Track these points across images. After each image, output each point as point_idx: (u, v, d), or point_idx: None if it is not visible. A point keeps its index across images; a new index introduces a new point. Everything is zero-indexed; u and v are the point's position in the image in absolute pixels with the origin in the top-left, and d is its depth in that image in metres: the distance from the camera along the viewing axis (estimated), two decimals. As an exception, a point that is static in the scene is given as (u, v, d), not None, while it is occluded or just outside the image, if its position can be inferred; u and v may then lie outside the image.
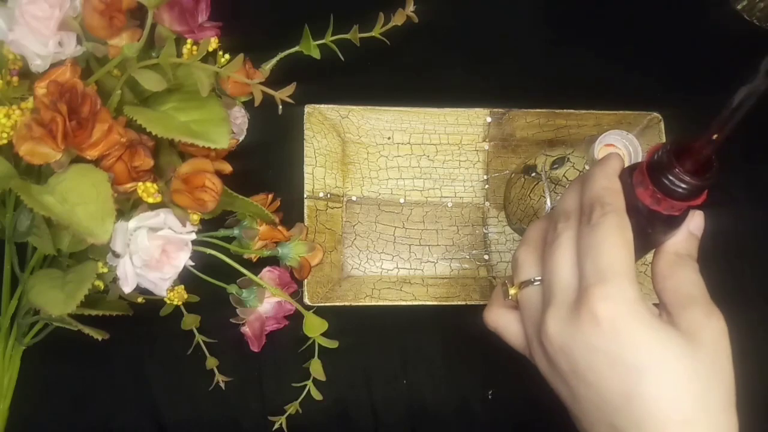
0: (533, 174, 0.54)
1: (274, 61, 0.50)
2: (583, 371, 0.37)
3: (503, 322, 0.43)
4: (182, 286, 0.48)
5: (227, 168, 0.47)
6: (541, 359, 0.40)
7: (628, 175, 0.39)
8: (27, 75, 0.42)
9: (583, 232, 0.37)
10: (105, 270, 0.43)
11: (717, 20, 0.65)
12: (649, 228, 0.38)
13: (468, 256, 0.59)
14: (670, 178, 0.37)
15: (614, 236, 0.36)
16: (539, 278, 0.40)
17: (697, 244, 0.42)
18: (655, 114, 0.60)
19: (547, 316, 0.38)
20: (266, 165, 0.57)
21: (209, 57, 0.43)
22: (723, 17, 0.65)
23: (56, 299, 0.41)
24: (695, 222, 0.41)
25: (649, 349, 0.35)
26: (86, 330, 0.45)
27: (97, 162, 0.41)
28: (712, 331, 0.37)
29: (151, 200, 0.42)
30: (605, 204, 0.37)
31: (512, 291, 0.41)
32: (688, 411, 0.35)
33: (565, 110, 0.60)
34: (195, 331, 0.51)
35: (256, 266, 0.50)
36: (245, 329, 0.51)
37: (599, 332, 0.35)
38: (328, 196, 0.58)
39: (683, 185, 0.37)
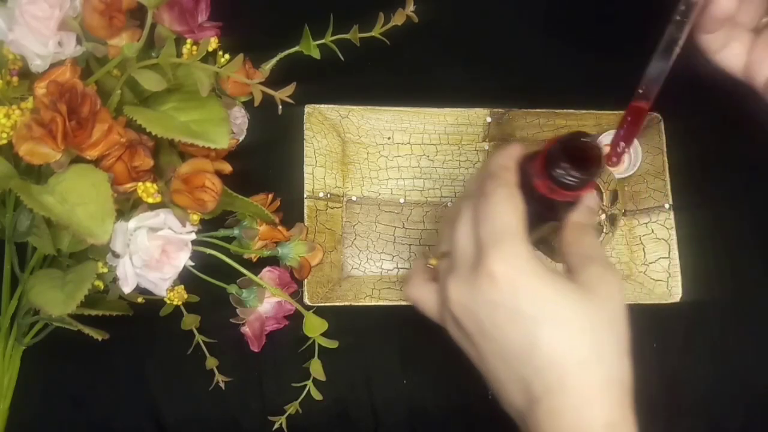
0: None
1: (273, 61, 0.50)
2: (487, 328, 0.39)
3: (420, 293, 0.45)
4: (182, 286, 0.48)
5: (227, 168, 0.47)
6: (450, 325, 0.43)
7: (527, 163, 0.43)
8: (27, 75, 0.42)
9: (479, 203, 0.41)
10: (105, 270, 0.43)
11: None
12: (546, 211, 0.43)
13: (468, 256, 0.59)
14: (561, 171, 0.41)
15: (505, 203, 0.40)
16: None
17: (595, 216, 0.47)
18: (655, 114, 0.61)
19: (448, 282, 0.41)
20: (266, 165, 0.57)
21: (209, 57, 0.43)
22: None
23: (56, 299, 0.41)
24: (592, 200, 0.44)
25: (544, 300, 0.38)
26: (86, 330, 0.45)
27: (96, 162, 0.41)
28: (607, 284, 0.40)
29: (150, 200, 0.42)
30: (497, 177, 0.41)
31: (432, 261, 0.45)
32: (584, 354, 0.38)
33: (564, 110, 0.60)
34: (195, 331, 0.51)
35: (256, 266, 0.50)
36: (245, 329, 0.51)
37: (498, 289, 0.38)
38: (328, 196, 0.58)
39: (573, 179, 0.41)
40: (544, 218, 0.44)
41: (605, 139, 0.59)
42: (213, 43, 0.44)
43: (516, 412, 0.41)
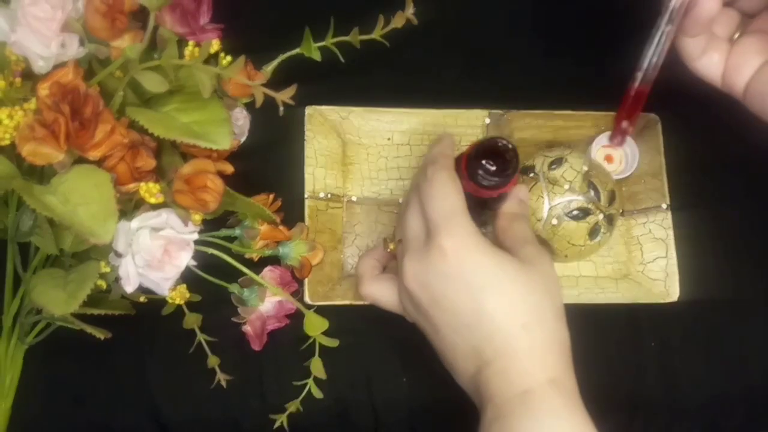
0: (531, 174, 0.54)
1: (275, 62, 0.51)
2: (440, 299, 0.44)
3: (375, 288, 0.49)
4: (184, 286, 0.49)
5: (229, 168, 0.47)
6: (407, 305, 0.47)
7: (456, 166, 0.48)
8: (30, 76, 0.42)
9: (423, 188, 0.45)
10: (107, 270, 0.44)
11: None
12: (478, 205, 0.47)
13: (467, 256, 0.59)
14: (480, 173, 0.46)
15: (447, 185, 0.45)
16: None
17: (526, 206, 0.51)
18: (653, 115, 0.61)
19: (404, 260, 0.45)
20: (267, 166, 0.57)
21: (211, 59, 0.44)
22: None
23: (58, 299, 0.41)
24: (521, 192, 0.51)
25: (489, 270, 0.43)
26: (88, 329, 0.45)
27: (99, 163, 0.41)
28: (542, 259, 0.45)
29: (153, 200, 0.43)
30: (437, 162, 0.46)
31: (391, 246, 0.50)
32: (526, 317, 0.43)
33: (563, 111, 0.60)
34: (196, 330, 0.52)
35: (257, 266, 0.51)
36: (246, 328, 0.51)
37: (447, 262, 0.43)
38: (329, 196, 0.58)
39: (491, 180, 0.46)
40: (480, 209, 0.49)
41: (603, 141, 0.60)
42: (215, 45, 0.44)
43: (468, 381, 0.45)
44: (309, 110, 0.58)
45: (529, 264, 0.44)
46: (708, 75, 0.47)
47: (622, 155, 0.60)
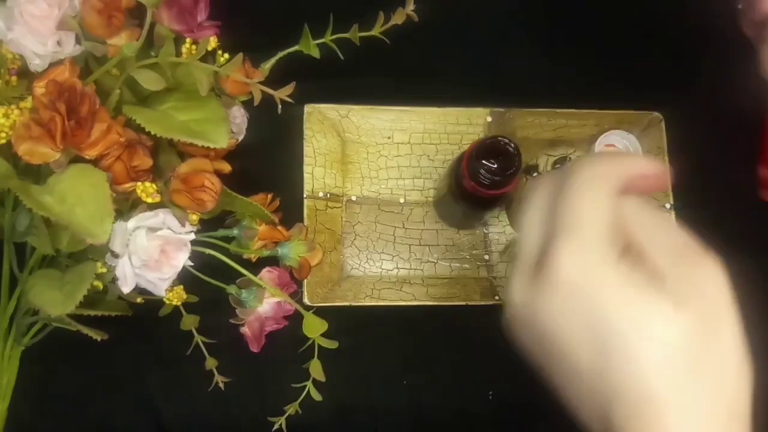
0: (535, 174, 0.54)
1: (273, 60, 0.50)
2: (549, 342, 0.32)
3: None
4: (181, 287, 0.48)
5: (226, 168, 0.47)
6: (518, 340, 0.35)
7: (457, 164, 0.47)
8: (26, 74, 0.42)
9: (565, 181, 0.32)
10: (104, 270, 0.43)
11: (718, 20, 0.65)
12: (479, 206, 0.47)
13: (468, 256, 0.59)
14: (482, 173, 0.45)
15: (598, 189, 0.32)
16: None
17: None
18: (656, 113, 0.60)
19: (511, 283, 0.33)
20: (266, 165, 0.57)
21: (208, 56, 0.43)
22: (724, 17, 0.65)
23: (55, 299, 0.41)
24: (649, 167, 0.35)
25: (619, 311, 0.30)
26: (85, 330, 0.45)
27: (95, 162, 0.41)
28: (709, 286, 0.32)
29: (150, 200, 0.42)
30: (583, 158, 0.34)
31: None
32: (674, 377, 0.30)
33: (565, 110, 0.60)
34: (194, 331, 0.51)
35: (255, 266, 0.50)
36: (245, 330, 0.51)
37: (564, 295, 0.30)
38: (328, 195, 0.58)
39: (492, 179, 0.45)
40: (482, 209, 0.49)
41: (606, 140, 0.59)
42: (212, 43, 0.43)
43: None
44: (308, 108, 0.58)
45: (684, 301, 0.30)
46: None
47: (625, 154, 0.60)
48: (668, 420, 0.29)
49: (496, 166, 0.45)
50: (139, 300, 0.47)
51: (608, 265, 0.30)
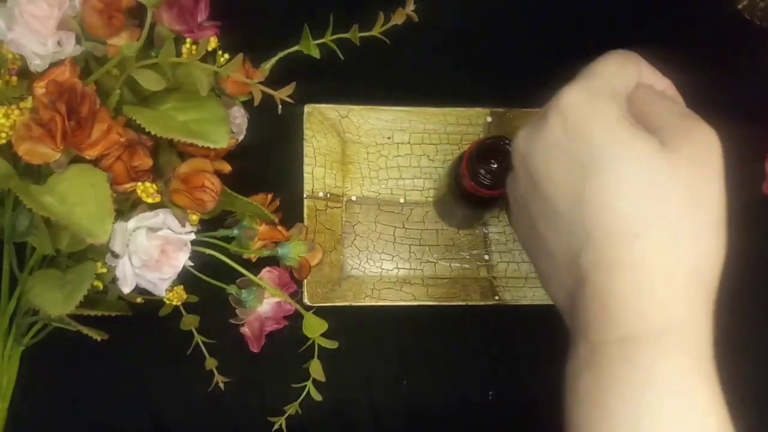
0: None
1: (273, 60, 0.50)
2: (539, 178, 0.32)
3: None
4: (181, 287, 0.48)
5: (226, 168, 0.47)
6: (510, 192, 0.37)
7: (457, 164, 0.46)
8: (26, 75, 0.42)
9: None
10: (104, 270, 0.43)
11: (717, 20, 0.65)
12: (479, 206, 0.47)
13: (468, 256, 0.59)
14: (482, 173, 0.45)
15: (612, 57, 0.33)
16: None
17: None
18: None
19: (520, 130, 0.34)
20: (266, 165, 0.57)
21: (208, 56, 0.43)
22: (723, 17, 0.65)
23: (55, 299, 0.41)
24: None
25: (608, 144, 0.30)
26: (85, 330, 0.45)
27: (96, 162, 0.41)
28: (697, 143, 0.31)
29: (150, 200, 0.42)
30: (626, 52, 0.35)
31: None
32: (645, 221, 0.29)
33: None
34: (194, 331, 0.51)
35: (255, 266, 0.50)
36: (245, 330, 0.51)
37: (558, 123, 0.31)
38: (328, 195, 0.58)
39: (492, 180, 0.45)
40: (482, 210, 0.49)
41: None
42: (212, 43, 0.43)
43: (564, 301, 0.33)
44: (308, 108, 0.58)
45: (675, 148, 0.30)
46: None
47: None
48: (630, 263, 0.29)
49: (496, 166, 0.46)
50: (139, 300, 0.47)
51: (606, 101, 0.31)
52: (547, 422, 0.45)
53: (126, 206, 0.43)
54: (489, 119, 0.60)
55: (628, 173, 0.29)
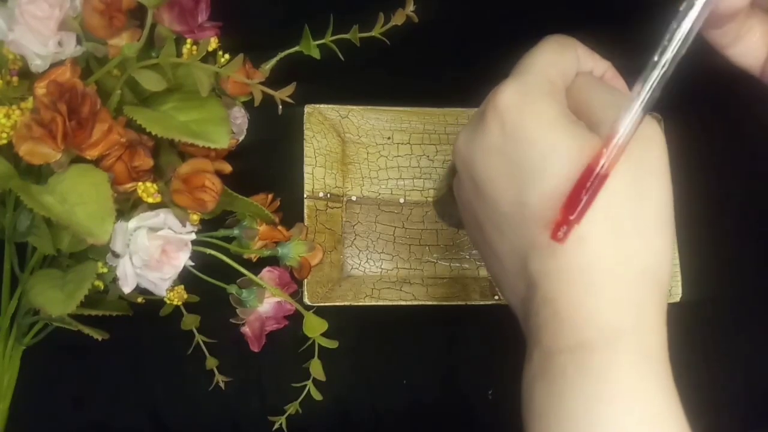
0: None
1: (273, 61, 0.50)
2: (482, 181, 0.31)
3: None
4: (182, 286, 0.48)
5: (227, 168, 0.47)
6: (458, 196, 0.35)
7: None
8: (27, 75, 0.42)
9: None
10: (105, 270, 0.43)
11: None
12: None
13: (468, 256, 0.59)
14: None
15: (548, 45, 0.32)
16: None
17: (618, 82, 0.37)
18: (655, 113, 0.60)
19: (460, 133, 0.33)
20: (266, 165, 0.57)
21: (209, 57, 0.43)
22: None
23: (56, 299, 0.41)
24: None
25: (548, 144, 0.28)
26: (86, 330, 0.45)
27: (96, 162, 0.41)
28: (643, 140, 0.30)
29: (150, 200, 0.42)
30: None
31: None
32: (589, 226, 0.28)
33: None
34: (195, 331, 0.51)
35: (255, 266, 0.50)
36: (245, 329, 0.51)
37: (496, 126, 0.30)
38: (328, 196, 0.58)
39: None
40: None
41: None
42: (213, 43, 0.43)
43: (518, 305, 0.32)
44: (308, 109, 0.58)
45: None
46: (744, 63, 0.37)
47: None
48: (576, 267, 0.28)
49: None
50: (139, 300, 0.47)
51: (544, 98, 0.30)
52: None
53: (127, 206, 0.43)
54: (489, 119, 0.60)
55: (568, 176, 0.28)
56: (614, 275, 0.28)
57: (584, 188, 0.27)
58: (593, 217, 0.28)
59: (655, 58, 0.30)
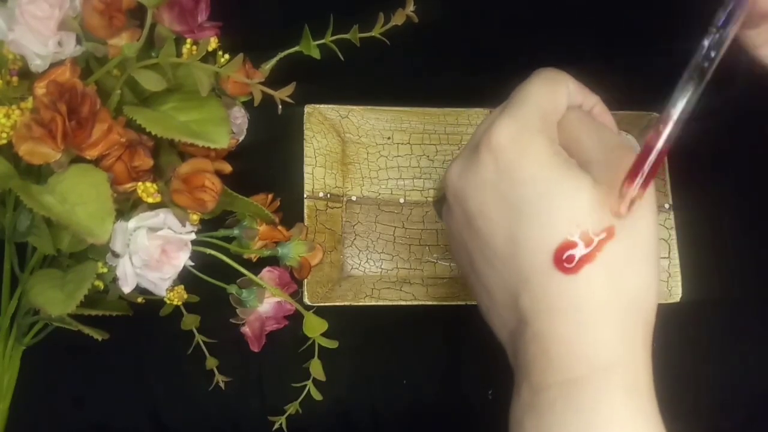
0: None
1: (273, 61, 0.50)
2: (474, 216, 0.31)
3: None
4: (182, 286, 0.48)
5: (227, 168, 0.47)
6: (447, 225, 0.35)
7: None
8: (27, 75, 0.42)
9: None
10: (105, 270, 0.43)
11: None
12: None
13: (468, 256, 0.59)
14: None
15: (539, 81, 0.33)
16: None
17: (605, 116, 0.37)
18: (655, 114, 0.60)
19: (452, 163, 0.33)
20: (266, 165, 0.57)
21: (209, 57, 0.43)
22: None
23: (56, 299, 0.41)
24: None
25: (541, 181, 0.29)
26: (86, 330, 0.45)
27: (96, 162, 0.41)
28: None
29: (150, 200, 0.42)
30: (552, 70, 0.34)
31: None
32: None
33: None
34: (195, 331, 0.51)
35: (255, 266, 0.50)
36: (245, 329, 0.51)
37: (491, 162, 0.30)
38: (328, 196, 0.58)
39: None
40: None
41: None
42: (213, 43, 0.43)
43: (507, 339, 0.33)
44: (308, 109, 0.58)
45: (608, 184, 0.30)
46: None
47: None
48: (568, 305, 0.28)
49: None
50: (139, 300, 0.47)
51: (538, 137, 0.30)
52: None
53: (126, 206, 0.43)
54: (489, 119, 0.60)
55: (561, 215, 0.29)
56: (605, 313, 0.29)
57: (644, 164, 0.29)
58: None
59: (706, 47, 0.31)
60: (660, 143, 0.29)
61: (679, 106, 0.30)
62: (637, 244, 0.30)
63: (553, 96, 0.32)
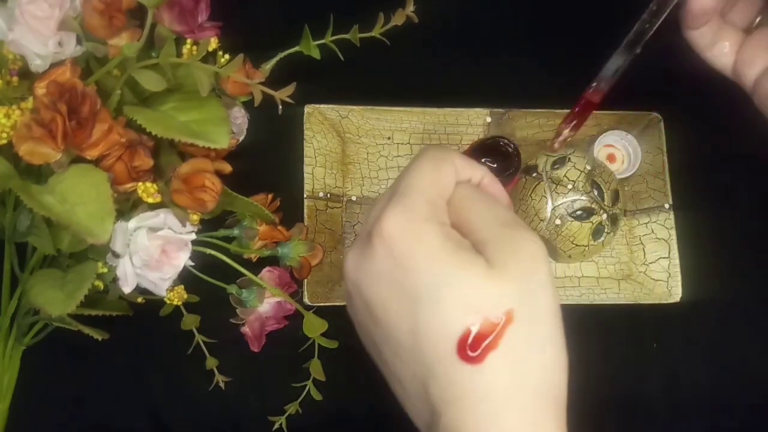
0: (534, 174, 0.54)
1: (273, 61, 0.50)
2: (374, 307, 0.31)
3: None
4: (182, 286, 0.48)
5: (227, 168, 0.47)
6: (351, 316, 0.35)
7: None
8: (27, 75, 0.42)
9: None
10: (105, 270, 0.43)
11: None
12: None
13: (468, 256, 0.59)
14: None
15: (425, 162, 0.32)
16: None
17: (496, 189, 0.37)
18: (655, 114, 0.60)
19: (347, 255, 0.33)
20: (266, 165, 0.57)
21: (209, 57, 0.43)
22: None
23: (56, 299, 0.41)
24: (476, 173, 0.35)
25: (435, 270, 0.29)
26: (86, 330, 0.45)
27: (96, 162, 0.41)
28: (522, 255, 0.30)
29: (150, 200, 0.42)
30: (437, 148, 0.34)
31: None
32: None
33: (565, 110, 0.60)
34: (195, 331, 0.51)
35: (256, 266, 0.50)
36: (245, 329, 0.51)
37: (384, 253, 0.30)
38: (328, 196, 0.58)
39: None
40: None
41: (605, 140, 0.59)
42: (213, 43, 0.43)
43: (425, 430, 0.32)
44: (308, 109, 0.58)
45: (501, 265, 0.29)
46: (718, 65, 0.44)
47: (625, 155, 0.60)
48: (473, 395, 0.28)
49: (495, 166, 0.45)
50: (140, 300, 0.47)
51: (428, 224, 0.30)
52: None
53: (127, 206, 0.43)
54: (488, 119, 0.60)
55: (458, 303, 0.29)
56: (513, 400, 0.28)
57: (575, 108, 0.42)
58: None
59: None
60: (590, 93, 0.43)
61: (611, 69, 0.44)
62: (539, 321, 0.30)
63: (438, 176, 0.32)
